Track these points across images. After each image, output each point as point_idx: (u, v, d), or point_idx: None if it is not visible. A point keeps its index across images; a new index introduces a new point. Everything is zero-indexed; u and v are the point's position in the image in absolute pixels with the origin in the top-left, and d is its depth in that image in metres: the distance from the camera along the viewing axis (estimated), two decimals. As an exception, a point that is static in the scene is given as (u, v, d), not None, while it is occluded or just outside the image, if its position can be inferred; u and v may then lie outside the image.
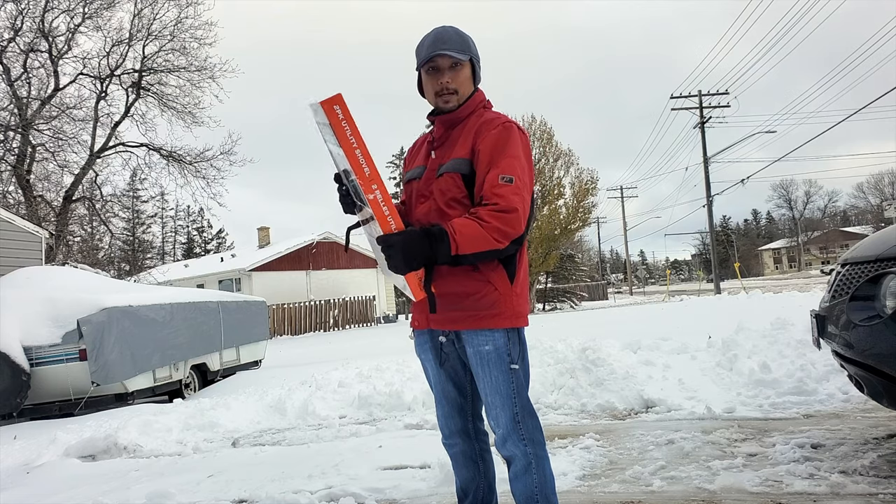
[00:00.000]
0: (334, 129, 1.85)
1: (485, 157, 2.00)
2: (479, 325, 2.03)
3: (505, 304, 2.04)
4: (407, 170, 2.29)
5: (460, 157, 2.06)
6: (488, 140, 2.02)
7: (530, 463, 2.05)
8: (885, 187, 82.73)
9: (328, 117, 1.84)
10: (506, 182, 1.94)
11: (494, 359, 2.04)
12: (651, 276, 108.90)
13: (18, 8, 18.29)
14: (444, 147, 2.13)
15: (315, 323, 25.98)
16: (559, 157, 27.31)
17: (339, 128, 1.86)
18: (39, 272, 9.12)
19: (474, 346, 2.06)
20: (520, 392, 2.06)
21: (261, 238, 34.73)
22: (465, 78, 2.10)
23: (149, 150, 20.52)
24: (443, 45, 2.05)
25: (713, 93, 30.24)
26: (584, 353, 5.81)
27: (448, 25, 2.12)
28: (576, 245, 42.50)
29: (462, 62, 2.08)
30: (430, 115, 2.19)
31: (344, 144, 1.86)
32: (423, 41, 2.10)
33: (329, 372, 7.23)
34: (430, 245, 1.86)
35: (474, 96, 2.15)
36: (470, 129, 2.08)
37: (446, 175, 2.06)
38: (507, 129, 2.04)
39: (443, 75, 2.08)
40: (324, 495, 3.35)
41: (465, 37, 2.11)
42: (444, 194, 2.05)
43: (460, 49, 2.07)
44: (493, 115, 2.12)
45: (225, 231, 71.90)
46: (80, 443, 5.33)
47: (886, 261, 2.82)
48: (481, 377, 2.07)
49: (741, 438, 3.81)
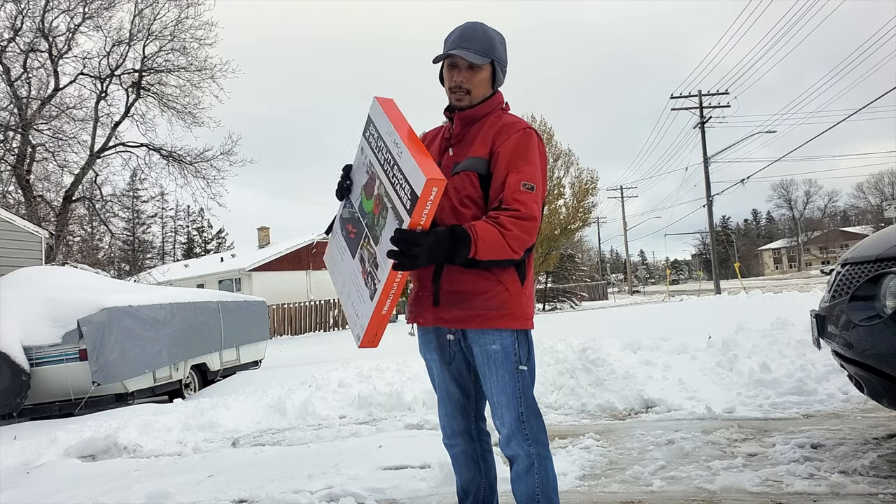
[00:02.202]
0: (417, 205, 1.75)
1: (504, 160, 1.99)
2: (488, 325, 2.02)
3: (515, 305, 2.04)
4: None
5: (478, 156, 2.04)
6: (509, 144, 2.01)
7: (533, 463, 2.05)
8: (885, 187, 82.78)
9: (421, 194, 1.75)
10: (527, 189, 1.95)
11: (501, 358, 2.03)
12: (651, 276, 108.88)
13: (18, 8, 18.31)
14: (461, 144, 2.11)
15: (315, 323, 25.95)
16: (559, 157, 27.30)
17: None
18: (39, 272, 9.12)
19: (481, 344, 2.05)
20: (525, 392, 2.06)
21: (261, 238, 34.74)
22: (481, 80, 2.08)
23: (149, 150, 20.54)
24: (465, 44, 2.03)
25: (713, 93, 30.25)
26: (584, 353, 5.81)
27: (478, 23, 2.09)
28: (576, 245, 42.50)
29: (480, 65, 2.05)
30: (447, 110, 2.18)
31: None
32: (451, 33, 2.09)
33: (329, 372, 7.23)
34: (455, 247, 1.84)
35: (494, 97, 2.14)
36: (489, 129, 2.07)
37: (462, 173, 2.04)
38: (528, 135, 2.03)
39: (459, 73, 2.06)
40: (324, 495, 3.35)
41: (493, 38, 2.07)
42: (459, 192, 2.04)
43: (482, 51, 2.04)
44: (512, 118, 2.10)
45: (225, 231, 71.98)
46: (80, 443, 5.33)
47: (886, 261, 2.82)
48: (487, 376, 2.07)
49: (741, 438, 3.81)
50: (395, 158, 1.87)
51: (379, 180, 1.94)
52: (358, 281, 2.01)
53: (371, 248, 1.94)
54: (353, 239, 2.09)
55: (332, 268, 2.27)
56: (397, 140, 1.87)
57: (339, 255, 2.20)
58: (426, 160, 1.80)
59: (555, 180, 26.74)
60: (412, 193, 1.75)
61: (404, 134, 1.89)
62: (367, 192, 2.01)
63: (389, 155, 1.90)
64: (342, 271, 2.17)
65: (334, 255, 2.25)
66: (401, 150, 1.84)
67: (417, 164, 1.75)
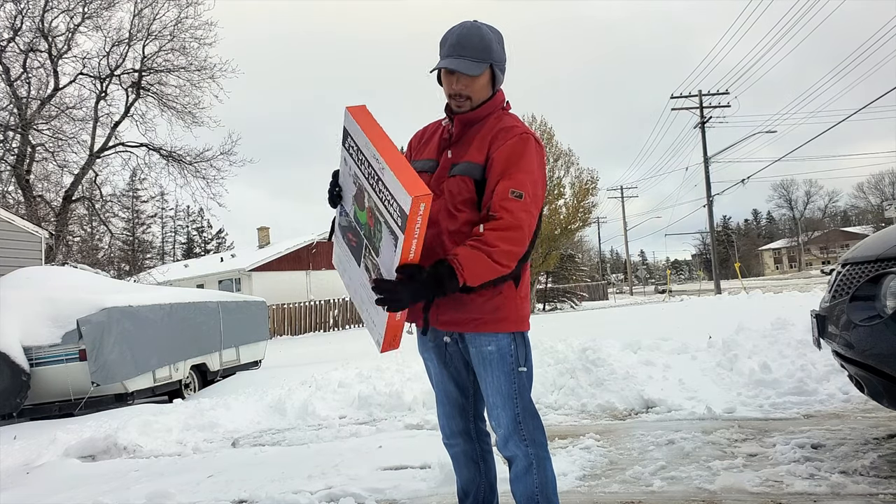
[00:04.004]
0: (408, 224, 1.74)
1: (498, 167, 1.98)
2: (484, 329, 2.02)
3: (510, 308, 2.04)
4: (415, 158, 2.22)
5: (474, 161, 2.02)
6: (504, 150, 1.99)
7: (531, 463, 2.05)
8: (886, 187, 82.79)
9: (410, 213, 1.74)
10: (515, 197, 1.92)
11: (497, 360, 2.03)
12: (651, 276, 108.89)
13: (18, 8, 18.29)
14: (459, 146, 2.10)
15: (315, 323, 25.95)
16: (559, 157, 27.31)
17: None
18: (39, 272, 9.11)
19: (477, 346, 2.05)
20: (522, 393, 2.06)
21: (261, 238, 34.74)
22: (481, 86, 2.06)
23: (148, 150, 20.52)
24: (461, 52, 2.00)
25: (713, 93, 30.26)
26: (584, 354, 5.81)
27: (474, 26, 2.04)
28: (576, 245, 42.47)
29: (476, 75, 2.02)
30: (448, 109, 2.16)
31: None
32: (446, 37, 2.04)
33: (329, 372, 7.23)
34: (441, 285, 1.83)
35: (494, 97, 2.11)
36: (487, 133, 2.05)
37: (458, 177, 2.03)
38: (524, 140, 2.00)
39: (458, 81, 2.04)
40: (324, 495, 3.35)
41: (489, 41, 2.03)
42: (454, 196, 2.03)
43: (479, 57, 2.00)
44: (511, 121, 2.08)
45: (225, 231, 72.03)
46: (80, 443, 5.32)
47: (887, 261, 2.82)
48: (484, 377, 2.07)
49: (741, 438, 3.81)
50: (378, 174, 1.84)
51: (367, 193, 1.92)
52: (368, 290, 1.99)
53: (374, 259, 1.93)
54: (355, 247, 2.07)
55: (343, 273, 2.26)
56: (376, 155, 1.84)
57: (347, 261, 2.18)
58: (408, 175, 1.77)
59: (555, 180, 26.74)
60: (401, 211, 1.74)
61: (382, 147, 1.86)
62: (359, 204, 1.99)
63: (372, 169, 1.87)
64: (352, 278, 2.16)
65: (342, 260, 2.24)
66: (382, 165, 1.82)
67: (401, 183, 1.73)
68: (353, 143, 2.00)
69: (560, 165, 27.19)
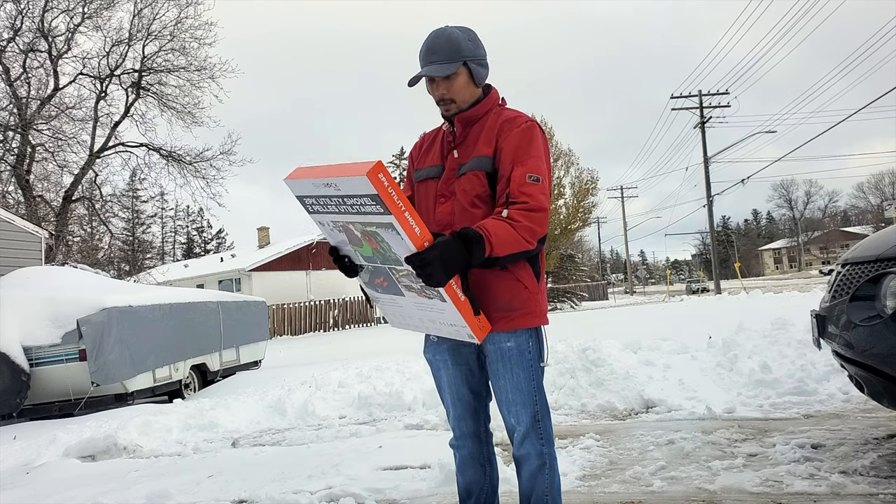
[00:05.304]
0: (383, 200, 1.69)
1: (508, 155, 2.00)
2: (514, 326, 2.01)
3: (534, 303, 2.04)
4: (419, 167, 2.23)
5: (483, 154, 2.04)
6: (512, 139, 2.01)
7: (545, 463, 2.04)
8: (885, 187, 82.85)
9: (376, 188, 1.69)
10: (533, 181, 1.94)
11: (516, 355, 2.03)
12: (651, 276, 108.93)
13: (18, 8, 18.31)
14: (464, 145, 2.11)
15: (315, 323, 25.96)
16: (559, 157, 27.34)
17: (387, 196, 1.71)
18: (39, 272, 9.12)
19: (496, 342, 2.03)
20: (539, 390, 2.06)
21: (261, 238, 34.76)
22: (460, 85, 2.07)
23: (148, 150, 20.54)
24: (431, 58, 2.03)
25: (713, 93, 30.27)
26: (584, 354, 5.81)
27: (441, 31, 2.06)
28: (576, 245, 42.53)
29: (453, 73, 2.04)
30: (442, 115, 2.18)
31: (394, 210, 1.73)
32: (420, 49, 2.08)
33: (329, 372, 7.23)
34: (468, 249, 1.81)
35: (490, 95, 2.14)
36: (491, 127, 2.07)
37: (469, 174, 2.04)
38: (531, 128, 2.04)
39: (438, 86, 2.07)
40: (324, 496, 3.35)
41: (457, 41, 2.04)
42: (468, 193, 2.03)
43: (449, 58, 2.02)
44: (513, 113, 2.11)
45: (225, 231, 72.08)
46: (79, 443, 5.32)
47: (886, 261, 2.82)
48: (502, 374, 2.05)
49: (741, 438, 3.81)
50: (338, 197, 1.81)
51: (351, 224, 1.88)
52: (424, 303, 1.96)
53: (402, 270, 1.88)
54: (389, 286, 2.02)
55: (406, 323, 2.18)
56: (325, 182, 1.80)
57: (398, 306, 2.11)
58: (350, 168, 1.75)
59: (555, 180, 26.77)
60: (371, 197, 1.70)
61: (322, 173, 1.83)
62: (356, 242, 1.95)
63: (333, 198, 1.84)
64: (411, 315, 2.10)
65: (395, 314, 2.18)
66: (329, 183, 1.79)
67: (350, 176, 1.71)
68: (311, 201, 1.94)
69: (560, 165, 27.23)
